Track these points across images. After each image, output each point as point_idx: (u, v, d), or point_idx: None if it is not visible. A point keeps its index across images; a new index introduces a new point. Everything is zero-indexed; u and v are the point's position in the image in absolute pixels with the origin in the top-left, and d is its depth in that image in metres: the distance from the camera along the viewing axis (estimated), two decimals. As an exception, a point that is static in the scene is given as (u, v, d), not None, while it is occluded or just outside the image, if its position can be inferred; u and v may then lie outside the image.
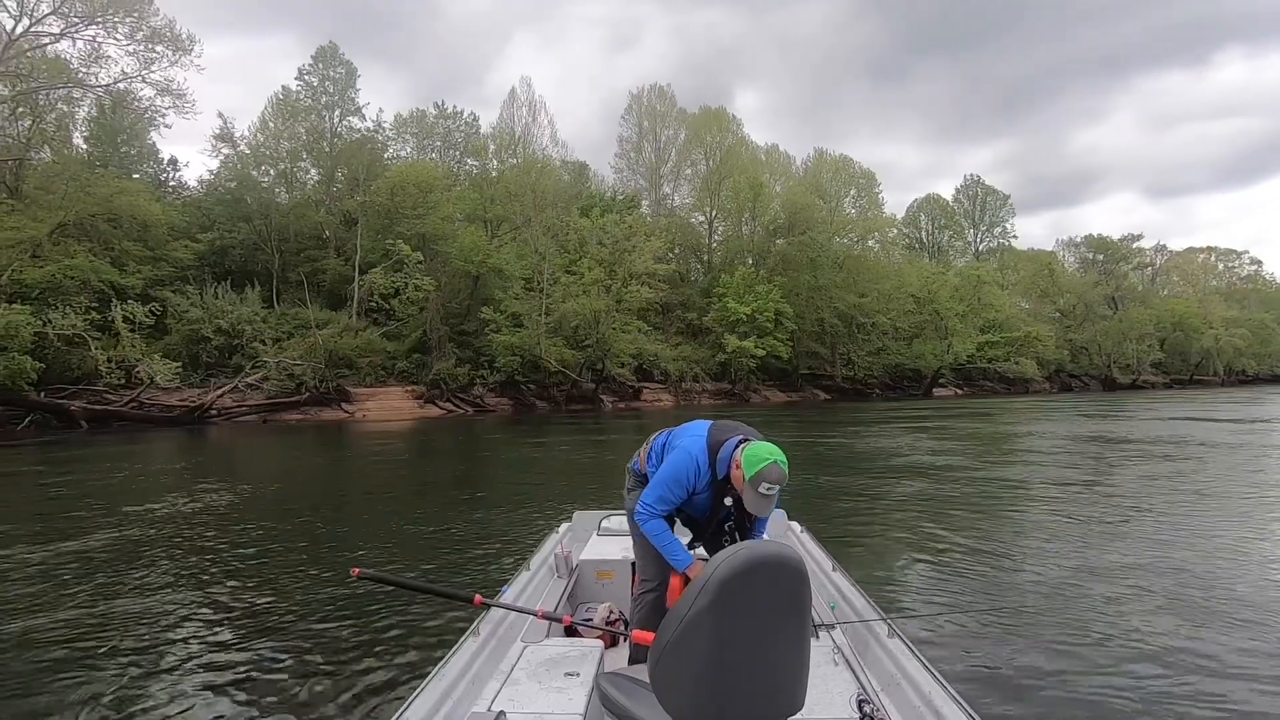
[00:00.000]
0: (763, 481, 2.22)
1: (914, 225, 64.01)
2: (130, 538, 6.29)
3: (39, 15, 25.27)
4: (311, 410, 26.38)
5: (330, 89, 37.43)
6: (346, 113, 37.97)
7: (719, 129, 45.52)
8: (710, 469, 2.45)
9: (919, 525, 6.64)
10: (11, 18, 25.02)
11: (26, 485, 10.53)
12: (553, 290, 32.23)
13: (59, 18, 25.70)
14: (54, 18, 25.62)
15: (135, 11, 26.32)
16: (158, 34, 27.19)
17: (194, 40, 28.40)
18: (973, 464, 11.45)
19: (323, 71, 37.40)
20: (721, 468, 2.42)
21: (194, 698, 3.10)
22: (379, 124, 39.35)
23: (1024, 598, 4.43)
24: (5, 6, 24.93)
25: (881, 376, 46.19)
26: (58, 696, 3.16)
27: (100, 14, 26.09)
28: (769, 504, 2.28)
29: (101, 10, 26.10)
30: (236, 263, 32.70)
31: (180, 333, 26.61)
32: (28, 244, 24.42)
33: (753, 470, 2.24)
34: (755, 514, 2.35)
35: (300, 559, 5.56)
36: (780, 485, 2.25)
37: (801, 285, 40.43)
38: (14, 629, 4.02)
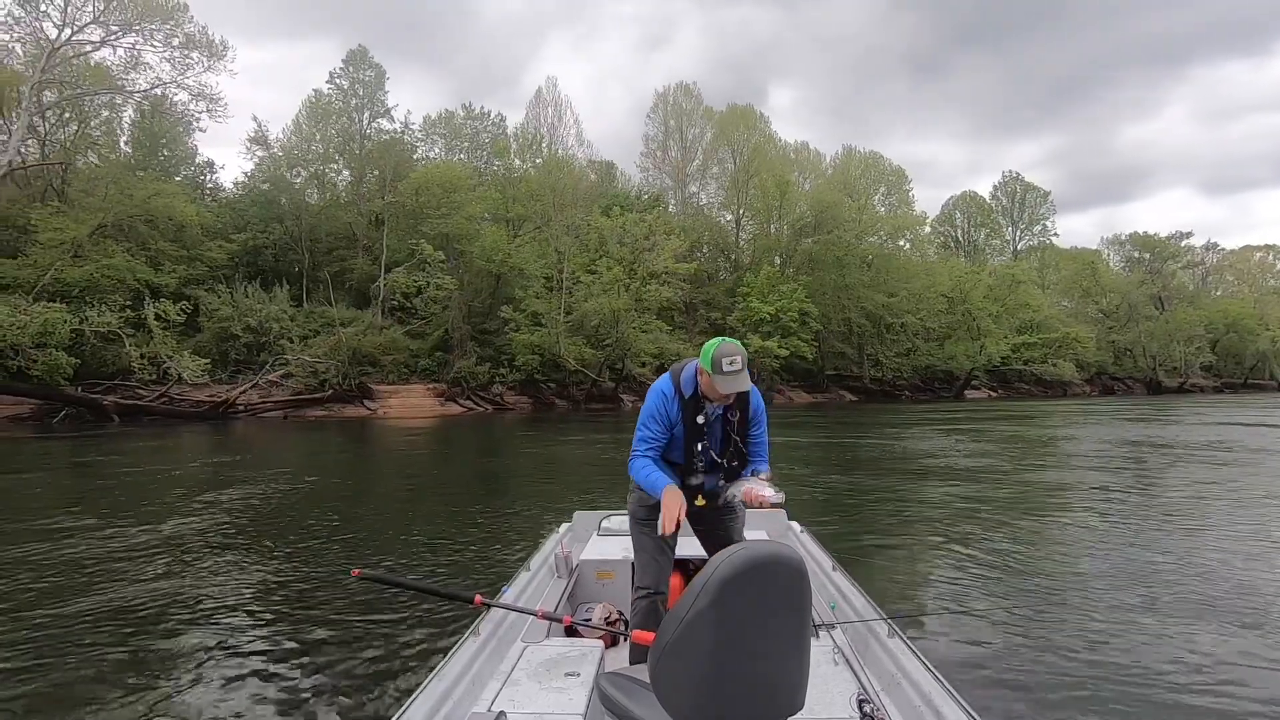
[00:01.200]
0: (723, 358, 2.28)
1: (949, 223, 62.54)
2: (134, 533, 6.38)
3: (80, 24, 26.37)
4: (335, 407, 26.92)
5: (360, 91, 38.26)
6: (376, 114, 38.80)
7: (746, 127, 45.08)
8: (676, 391, 2.48)
9: (923, 525, 6.62)
10: (56, 27, 26.19)
11: (61, 476, 10.93)
12: (574, 289, 32.36)
13: (99, 26, 26.78)
14: (95, 26, 26.73)
15: (171, 19, 27.21)
16: (192, 40, 28.13)
17: (226, 46, 29.35)
18: (989, 466, 11.22)
19: (353, 74, 38.21)
20: (687, 387, 2.46)
21: (193, 698, 3.10)
22: (406, 125, 40.01)
23: (1025, 598, 4.42)
24: (50, 16, 26.12)
25: (911, 378, 45.22)
26: (52, 695, 3.16)
27: (137, 22, 27.07)
28: (739, 379, 2.30)
29: (139, 18, 27.08)
30: (269, 262, 33.56)
31: (211, 330, 27.42)
32: (70, 244, 25.47)
33: (709, 357, 2.32)
34: (728, 391, 2.35)
35: (301, 558, 5.57)
36: (740, 357, 2.30)
37: (827, 285, 39.82)
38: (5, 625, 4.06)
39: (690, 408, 2.46)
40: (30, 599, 4.51)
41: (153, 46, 27.70)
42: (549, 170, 35.23)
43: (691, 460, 2.53)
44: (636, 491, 2.63)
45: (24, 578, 5.00)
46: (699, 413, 2.47)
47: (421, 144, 42.40)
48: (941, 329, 45.06)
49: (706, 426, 2.50)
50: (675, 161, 44.75)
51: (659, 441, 2.51)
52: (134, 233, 28.09)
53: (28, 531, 6.42)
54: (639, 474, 2.49)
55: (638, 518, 2.67)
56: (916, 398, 43.63)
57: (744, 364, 2.30)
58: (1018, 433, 18.14)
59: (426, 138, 42.96)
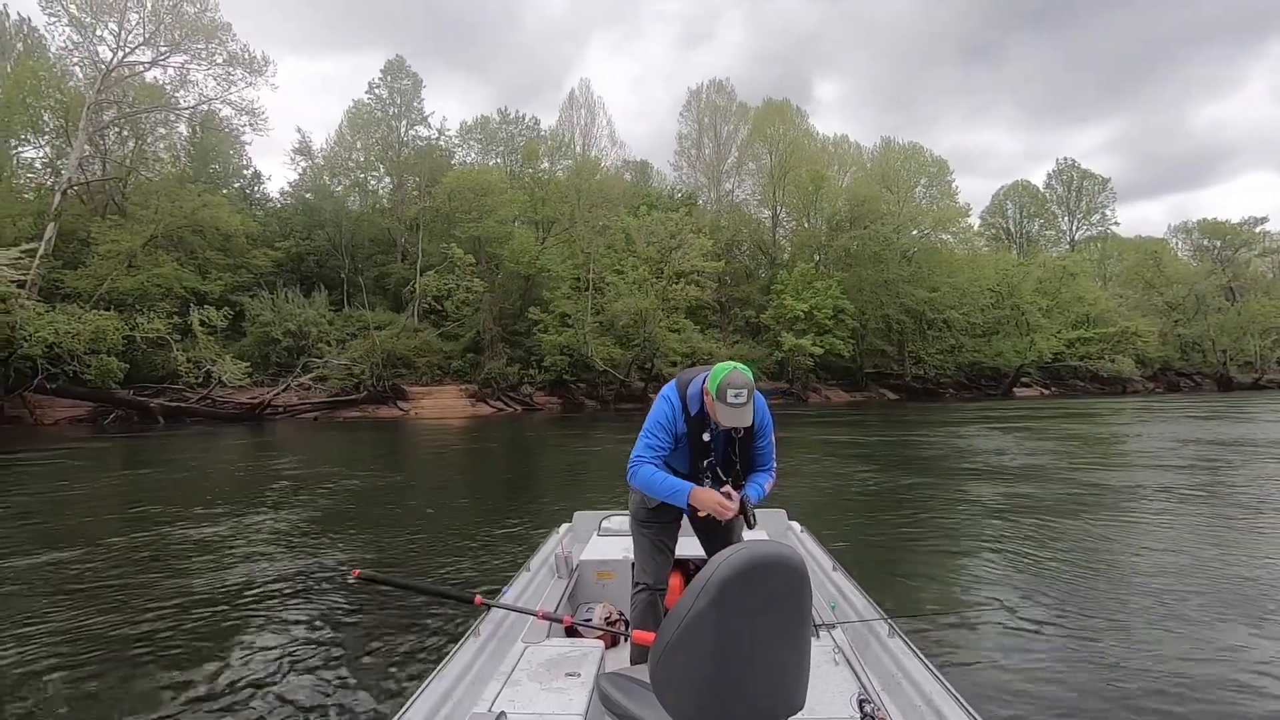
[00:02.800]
0: (728, 389, 2.24)
1: (999, 214, 60.25)
2: (136, 531, 6.54)
3: (132, 46, 27.84)
4: (369, 408, 27.72)
5: (398, 100, 39.29)
6: (413, 122, 39.76)
7: (782, 122, 44.39)
8: (683, 406, 2.46)
9: (925, 525, 6.62)
10: (110, 50, 27.71)
11: (105, 475, 11.56)
12: (606, 289, 32.48)
13: (149, 47, 28.20)
14: (145, 47, 28.16)
15: (214, 38, 28.45)
16: (235, 58, 29.34)
17: (267, 61, 30.49)
18: (1016, 464, 10.90)
19: (391, 84, 39.26)
20: (694, 404, 2.44)
21: (192, 698, 3.11)
22: (441, 131, 40.85)
23: (1026, 598, 4.41)
24: (104, 40, 27.66)
25: (956, 375, 43.72)
26: (48, 693, 3.20)
27: (184, 42, 28.40)
28: (743, 413, 2.27)
29: (185, 38, 28.40)
30: (311, 268, 34.82)
31: (254, 335, 28.58)
32: (125, 255, 26.95)
33: (716, 382, 2.28)
34: (729, 425, 2.31)
35: (302, 558, 5.58)
36: (747, 390, 2.25)
37: (864, 281, 38.85)
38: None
39: (695, 425, 2.46)
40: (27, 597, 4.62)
41: (199, 65, 29.03)
42: (578, 172, 35.44)
43: (697, 476, 2.52)
44: (638, 493, 2.62)
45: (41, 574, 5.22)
46: (704, 430, 2.46)
47: (459, 149, 43.31)
48: (987, 324, 43.40)
49: (712, 443, 2.49)
50: (709, 159, 44.40)
51: (664, 452, 2.49)
52: (183, 243, 29.54)
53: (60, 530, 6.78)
54: (649, 481, 2.44)
55: (638, 518, 2.68)
56: (961, 396, 42.19)
57: (749, 397, 2.26)
58: (1062, 430, 17.40)
59: (463, 143, 43.81)
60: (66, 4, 26.62)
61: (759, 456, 2.58)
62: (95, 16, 27.04)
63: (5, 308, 21.47)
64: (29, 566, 5.44)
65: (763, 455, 2.58)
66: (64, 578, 5.11)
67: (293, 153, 38.15)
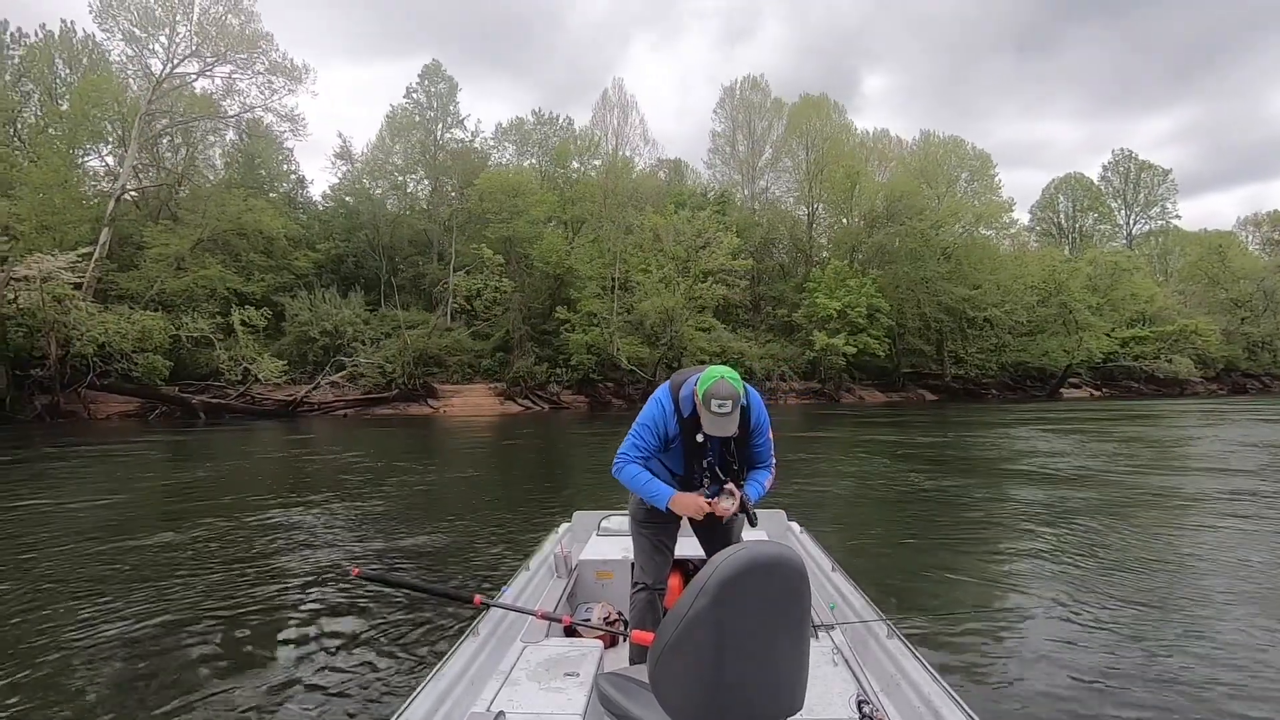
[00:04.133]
0: (712, 399, 2.25)
1: (1050, 209, 57.97)
2: (139, 530, 6.61)
3: (180, 58, 29.22)
4: (401, 405, 28.44)
5: (435, 104, 40.13)
6: (449, 125, 40.55)
7: (819, 117, 43.63)
8: (675, 408, 2.47)
9: (929, 525, 6.62)
10: (160, 62, 29.15)
11: (139, 471, 12.22)
12: (634, 289, 32.55)
13: (196, 59, 29.57)
14: (192, 59, 29.54)
15: (255, 48, 29.61)
16: (276, 66, 30.49)
17: (307, 70, 31.59)
18: (1040, 466, 10.67)
19: (427, 88, 40.12)
20: (686, 406, 2.45)
21: (191, 698, 3.10)
22: (476, 133, 41.51)
23: (1026, 598, 4.42)
24: (155, 53, 29.11)
25: (999, 376, 42.28)
26: (47, 691, 3.18)
27: (229, 52, 29.64)
28: (726, 422, 2.29)
29: (230, 48, 29.65)
30: (350, 269, 35.90)
31: (293, 334, 29.63)
32: (174, 258, 28.30)
33: (703, 390, 2.29)
34: (713, 434, 2.34)
35: (304, 554, 5.61)
36: (732, 400, 2.25)
37: (901, 278, 37.90)
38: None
39: (689, 426, 2.46)
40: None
41: (242, 74, 30.27)
42: (607, 172, 35.58)
43: (693, 476, 2.55)
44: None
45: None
46: (697, 431, 2.45)
47: (494, 151, 43.96)
48: (1033, 323, 41.83)
49: (708, 443, 2.49)
50: (743, 156, 43.98)
51: (650, 452, 2.51)
52: (228, 246, 30.83)
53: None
54: (634, 481, 2.48)
55: (637, 518, 2.70)
56: (1005, 397, 40.78)
57: (734, 408, 2.27)
58: (1102, 431, 16.82)
59: (499, 144, 44.44)
60: (119, 19, 28.08)
61: (756, 455, 2.58)
62: (146, 30, 28.47)
63: (61, 309, 22.79)
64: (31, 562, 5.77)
65: (760, 454, 2.58)
66: (74, 571, 5.20)
67: (334, 157, 39.41)
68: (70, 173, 30.64)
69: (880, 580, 4.64)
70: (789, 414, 27.38)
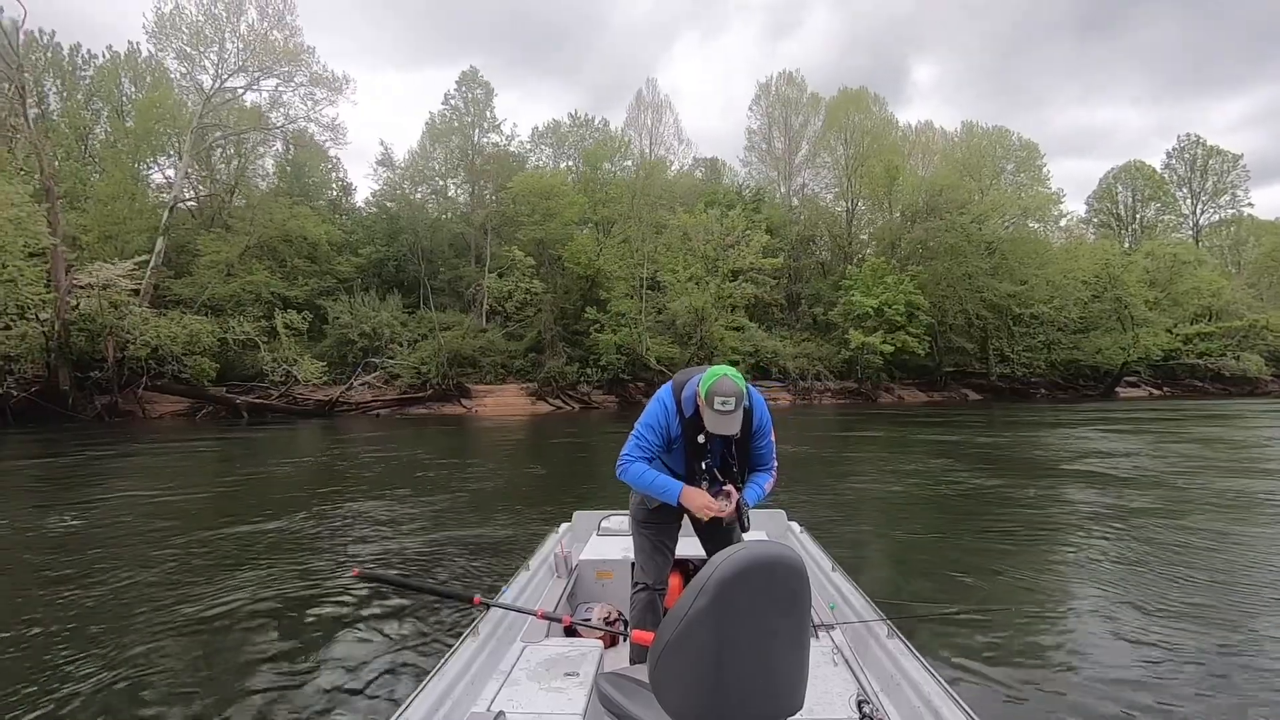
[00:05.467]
0: (716, 396, 2.26)
1: (1108, 199, 55.33)
2: (145, 527, 6.82)
3: (229, 72, 30.60)
4: (435, 405, 29.14)
5: (472, 110, 40.94)
6: (486, 130, 41.31)
7: (858, 111, 42.72)
8: (677, 408, 2.48)
9: (927, 526, 6.62)
10: (210, 78, 30.58)
11: (169, 471, 12.95)
12: (665, 289, 32.57)
13: (243, 73, 30.91)
14: (240, 74, 30.88)
15: (297, 61, 30.77)
16: (317, 79, 31.63)
17: (347, 81, 32.67)
18: (1062, 465, 10.49)
19: (465, 94, 40.97)
20: (688, 406, 2.46)
21: (191, 697, 3.12)
22: (512, 137, 42.16)
23: (1026, 599, 4.45)
24: (205, 69, 30.57)
25: (1048, 374, 40.65)
26: (46, 690, 3.21)
27: (273, 66, 30.88)
28: (730, 420, 2.29)
29: (274, 62, 30.88)
30: (390, 273, 36.99)
31: (334, 336, 30.70)
32: (224, 265, 29.71)
33: (705, 388, 2.30)
34: (716, 432, 2.35)
35: (304, 557, 5.62)
36: (735, 398, 2.26)
37: (941, 275, 36.81)
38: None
39: (691, 427, 2.47)
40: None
41: (286, 87, 31.52)
42: (637, 173, 35.67)
43: (694, 478, 2.54)
44: (637, 493, 2.64)
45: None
46: (699, 432, 2.46)
47: (531, 154, 44.56)
48: (1085, 319, 40.06)
49: (708, 445, 2.50)
50: (779, 153, 43.42)
51: (653, 452, 2.50)
52: (275, 252, 32.17)
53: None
54: (641, 479, 2.47)
55: (638, 519, 2.71)
56: (1055, 396, 39.18)
57: (738, 406, 2.27)
58: (1143, 431, 16.14)
59: (535, 147, 45.03)
60: (171, 38, 29.60)
61: (758, 457, 2.57)
62: (196, 48, 29.92)
63: (118, 314, 24.19)
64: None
65: (762, 455, 2.57)
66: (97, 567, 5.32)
67: (375, 164, 40.62)
68: (133, 185, 32.51)
69: (893, 577, 4.73)
70: (816, 414, 26.94)
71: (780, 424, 2.63)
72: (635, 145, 39.41)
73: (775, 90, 43.45)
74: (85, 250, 27.49)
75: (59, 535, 6.56)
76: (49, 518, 7.37)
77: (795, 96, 43.13)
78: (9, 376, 22.84)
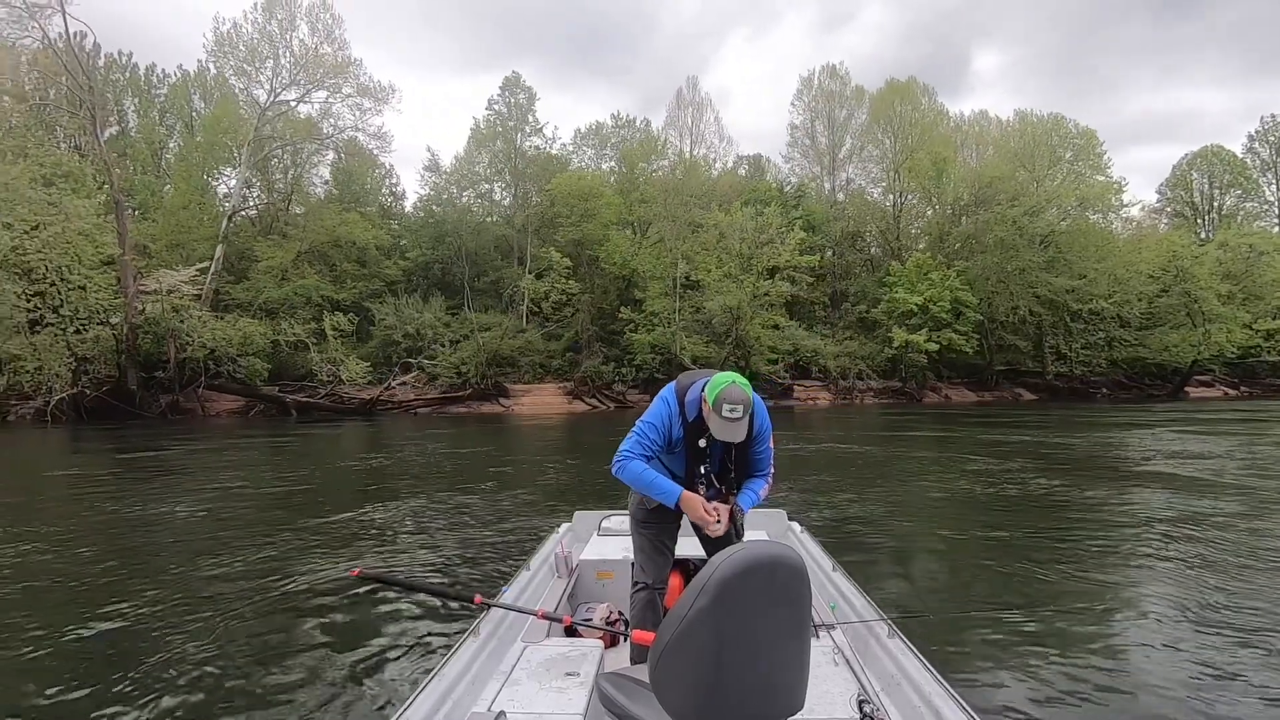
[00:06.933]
0: (724, 403, 2.25)
1: (1183, 187, 52.05)
2: (150, 525, 6.98)
3: (283, 86, 32.14)
4: (474, 404, 29.91)
5: (515, 114, 41.74)
6: (528, 134, 42.05)
7: (904, 103, 41.51)
8: (680, 410, 2.48)
9: (928, 526, 6.65)
10: (265, 92, 32.20)
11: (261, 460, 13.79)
12: (702, 287, 32.50)
13: (296, 87, 32.42)
14: (292, 87, 32.40)
15: (344, 73, 32.07)
16: (363, 90, 32.90)
17: (392, 91, 33.85)
18: (1090, 465, 10.34)
19: (508, 99, 41.81)
20: (691, 410, 2.46)
21: (190, 697, 3.12)
22: (554, 139, 42.76)
23: (1026, 599, 4.47)
24: (260, 84, 32.21)
25: (1109, 373, 38.62)
26: (48, 688, 3.23)
27: (324, 79, 32.28)
28: (737, 428, 2.30)
29: (325, 76, 32.27)
30: (436, 275, 38.13)
31: (379, 337, 31.88)
32: (279, 270, 31.26)
33: (714, 394, 2.30)
34: (722, 439, 2.35)
35: (305, 557, 5.62)
36: (743, 406, 2.26)
37: (991, 270, 35.44)
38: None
39: (692, 431, 2.48)
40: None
41: (335, 98, 32.90)
42: (674, 171, 35.67)
43: (693, 482, 2.56)
44: (637, 492, 2.64)
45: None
46: (700, 436, 2.47)
47: (573, 155, 45.10)
48: (1151, 315, 37.86)
49: (709, 450, 2.51)
50: (822, 148, 42.61)
51: (653, 451, 2.50)
52: (325, 257, 33.63)
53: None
54: (641, 478, 2.45)
55: (637, 519, 2.71)
56: (1117, 396, 37.20)
57: (745, 413, 2.27)
58: (1194, 434, 15.18)
59: (577, 149, 45.53)
60: (229, 56, 31.30)
61: (756, 462, 2.58)
62: (253, 65, 31.56)
63: (179, 318, 25.78)
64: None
65: (760, 461, 2.58)
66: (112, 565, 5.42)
67: (423, 170, 41.90)
68: (200, 195, 34.53)
69: (906, 576, 4.77)
70: (852, 414, 26.38)
71: (807, 424, 2.70)
72: (674, 144, 39.30)
73: (818, 83, 42.67)
74: (154, 258, 29.39)
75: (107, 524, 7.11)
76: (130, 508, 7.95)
77: (838, 90, 42.26)
78: (84, 376, 24.68)
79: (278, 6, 31.55)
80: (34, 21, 24.47)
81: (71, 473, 11.66)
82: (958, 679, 2.47)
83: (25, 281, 22.62)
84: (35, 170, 22.44)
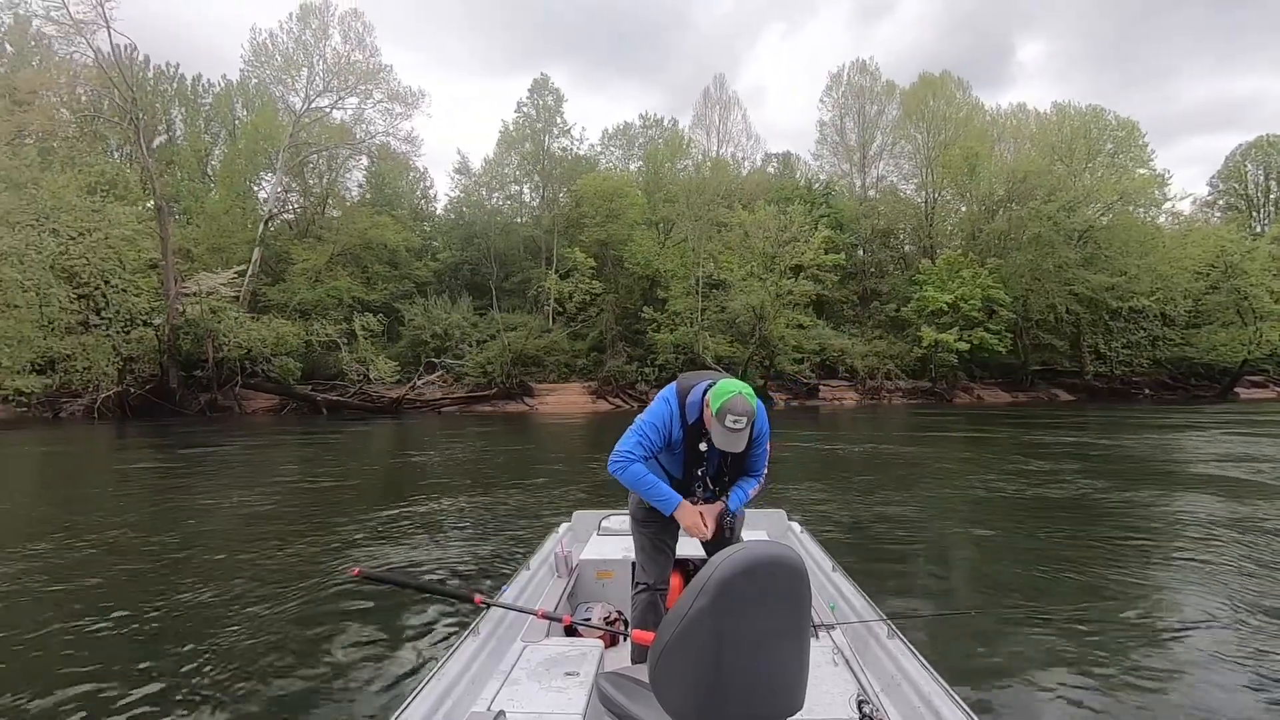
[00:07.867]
0: (728, 414, 2.25)
1: (1236, 178, 49.85)
2: (153, 525, 6.96)
3: (316, 93, 33.10)
4: (499, 403, 30.36)
5: (543, 116, 42.16)
6: (556, 136, 42.42)
7: (937, 97, 40.66)
8: (680, 412, 2.47)
9: (930, 526, 6.66)
10: (300, 99, 33.20)
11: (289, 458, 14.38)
12: (726, 287, 32.40)
13: (330, 94, 33.35)
14: (326, 94, 33.34)
15: (375, 79, 32.88)
16: (394, 95, 33.68)
17: (421, 95, 34.57)
18: (1104, 468, 10.13)
19: (536, 101, 42.24)
20: (692, 412, 2.45)
21: (190, 698, 3.11)
22: (581, 141, 43.04)
23: (1026, 599, 4.49)
24: (296, 91, 33.22)
25: (1152, 373, 37.25)
26: (48, 687, 3.22)
27: (357, 86, 33.14)
28: (739, 438, 2.30)
29: (358, 82, 33.13)
30: (465, 276, 38.77)
31: (408, 337, 32.58)
32: (312, 272, 32.20)
33: (718, 403, 2.29)
34: (723, 449, 2.36)
35: (306, 556, 5.62)
36: (747, 417, 2.26)
37: (1025, 267, 34.49)
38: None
39: (692, 432, 2.48)
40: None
41: (367, 104, 33.76)
42: (699, 170, 35.60)
43: (691, 484, 2.59)
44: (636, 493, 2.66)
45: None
46: (699, 438, 2.48)
47: (601, 156, 45.33)
48: (1198, 312, 36.39)
49: (708, 453, 2.53)
50: (852, 145, 42.01)
51: (652, 452, 2.49)
52: (357, 259, 34.51)
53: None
54: (640, 482, 2.45)
55: (637, 518, 2.71)
56: (1161, 397, 35.86)
57: (748, 424, 2.29)
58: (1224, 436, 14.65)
59: (605, 149, 45.75)
60: (265, 66, 32.35)
61: (751, 464, 2.60)
62: (288, 74, 32.56)
63: (217, 318, 26.77)
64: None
65: (755, 463, 2.60)
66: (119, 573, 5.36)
67: (453, 172, 42.62)
68: (240, 200, 35.77)
69: (888, 578, 4.76)
70: (879, 415, 26.00)
71: (831, 424, 2.69)
72: (701, 143, 39.21)
73: (848, 79, 42.09)
74: (196, 261, 30.57)
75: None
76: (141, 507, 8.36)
77: (868, 85, 41.62)
78: (129, 375, 25.85)
79: (311, 16, 32.50)
80: (80, 37, 25.67)
81: (123, 468, 12.17)
82: (958, 679, 2.43)
83: (71, 285, 23.77)
84: (82, 179, 23.58)
